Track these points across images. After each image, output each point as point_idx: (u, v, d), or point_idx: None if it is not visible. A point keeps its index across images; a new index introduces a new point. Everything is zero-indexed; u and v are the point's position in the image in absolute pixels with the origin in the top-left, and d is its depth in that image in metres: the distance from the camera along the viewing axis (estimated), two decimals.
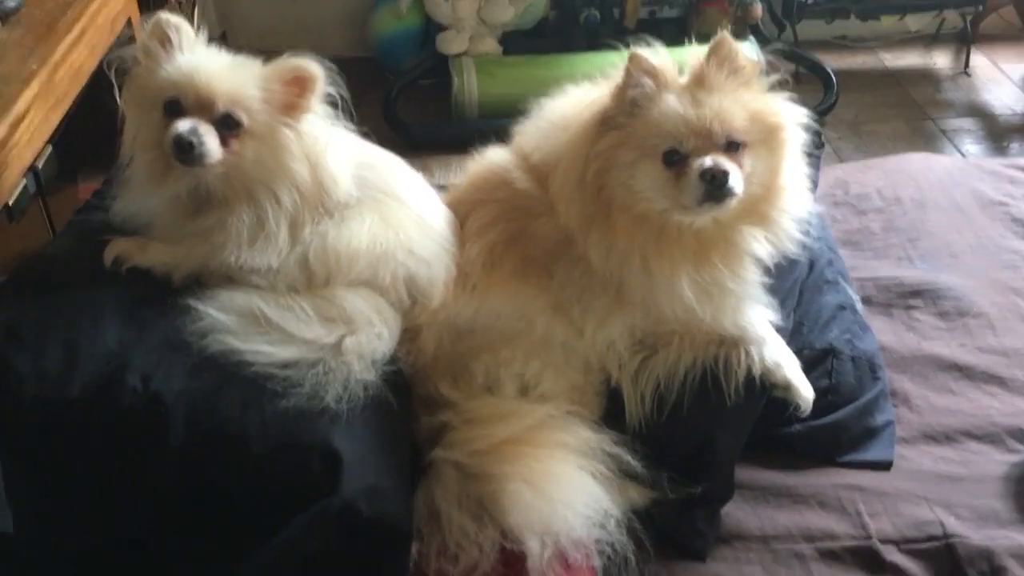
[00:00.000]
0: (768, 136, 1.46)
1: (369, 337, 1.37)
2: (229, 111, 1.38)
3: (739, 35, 3.45)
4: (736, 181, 1.39)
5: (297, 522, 1.23)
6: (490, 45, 3.37)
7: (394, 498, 1.30)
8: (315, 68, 1.44)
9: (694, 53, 1.46)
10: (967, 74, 3.64)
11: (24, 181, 1.45)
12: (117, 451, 1.26)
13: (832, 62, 3.61)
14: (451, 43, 3.33)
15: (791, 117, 1.50)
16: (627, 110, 1.44)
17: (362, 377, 1.34)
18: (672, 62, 1.47)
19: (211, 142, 1.37)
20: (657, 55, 1.47)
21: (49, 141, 1.53)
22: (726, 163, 1.39)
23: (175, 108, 1.38)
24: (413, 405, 1.47)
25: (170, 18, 1.39)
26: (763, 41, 3.42)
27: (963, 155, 3.15)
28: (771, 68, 1.50)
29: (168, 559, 1.28)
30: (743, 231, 1.48)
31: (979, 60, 3.72)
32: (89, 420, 1.25)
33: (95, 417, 1.25)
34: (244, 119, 1.39)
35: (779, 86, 1.51)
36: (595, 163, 1.45)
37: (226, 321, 1.35)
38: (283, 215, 1.43)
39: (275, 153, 1.42)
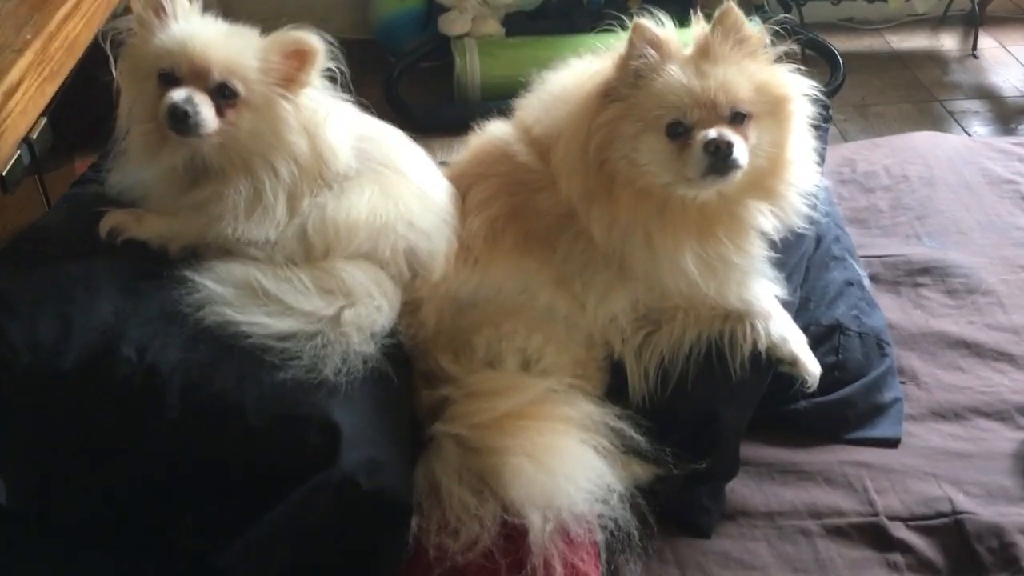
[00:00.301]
0: (774, 108, 1.44)
1: (368, 310, 1.35)
2: (225, 80, 1.36)
3: (745, 16, 3.42)
4: (741, 153, 1.37)
5: (295, 495, 1.21)
6: (493, 26, 3.35)
7: (394, 471, 1.28)
8: (316, 41, 1.42)
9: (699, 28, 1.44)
10: (975, 56, 3.61)
11: (18, 152, 1.42)
12: (112, 423, 1.24)
13: (839, 44, 3.59)
14: (453, 24, 3.30)
15: (798, 89, 1.48)
16: (630, 81, 1.42)
17: (361, 350, 1.32)
18: (675, 33, 1.44)
19: (206, 111, 1.35)
20: (661, 26, 1.45)
21: (44, 113, 1.51)
22: (730, 135, 1.37)
23: (170, 78, 1.36)
24: (413, 379, 1.45)
25: None
26: (769, 21, 3.40)
27: (970, 136, 3.12)
28: (777, 40, 1.47)
29: (165, 531, 1.26)
30: (749, 205, 1.45)
31: (987, 42, 3.68)
32: (83, 391, 1.23)
33: (89, 388, 1.23)
34: (240, 88, 1.37)
35: (785, 58, 1.48)
36: (597, 136, 1.43)
37: (223, 293, 1.33)
38: (281, 187, 1.41)
39: (272, 125, 1.40)
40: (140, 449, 1.24)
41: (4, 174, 1.38)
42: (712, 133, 1.36)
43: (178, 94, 1.33)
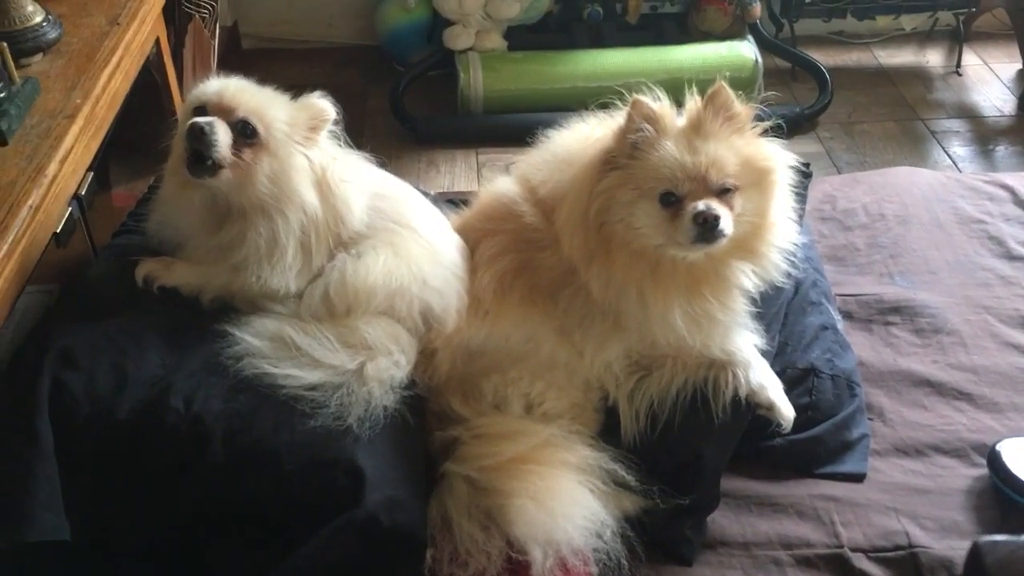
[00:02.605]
0: (759, 179, 1.58)
1: (387, 364, 1.50)
2: (246, 118, 1.50)
3: (738, 34, 3.55)
4: (727, 224, 1.51)
5: (324, 531, 1.36)
6: (496, 40, 3.46)
7: (410, 509, 1.43)
8: (328, 108, 1.58)
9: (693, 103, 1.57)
10: (959, 73, 3.73)
11: (70, 208, 1.56)
12: (162, 466, 1.39)
13: (828, 59, 3.72)
14: (457, 38, 3.41)
15: (780, 161, 1.61)
16: (628, 152, 1.56)
17: (382, 401, 1.46)
18: (671, 109, 1.58)
19: (223, 136, 1.47)
20: (658, 101, 1.58)
21: (89, 168, 1.64)
22: (717, 208, 1.51)
23: (200, 112, 1.51)
24: (427, 420, 1.61)
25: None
26: (761, 41, 3.52)
27: (950, 157, 3.26)
28: (761, 117, 1.60)
29: (207, 561, 1.41)
30: (732, 265, 1.60)
31: (971, 59, 3.81)
32: (137, 438, 1.38)
33: (142, 435, 1.38)
34: (261, 130, 1.51)
35: (771, 132, 1.62)
36: (597, 201, 1.57)
37: (260, 346, 1.48)
38: (291, 234, 1.54)
39: (288, 172, 1.53)
40: (187, 488, 1.39)
41: (59, 232, 1.52)
42: (701, 206, 1.50)
43: (202, 118, 1.48)
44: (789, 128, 3.28)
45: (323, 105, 1.58)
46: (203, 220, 1.57)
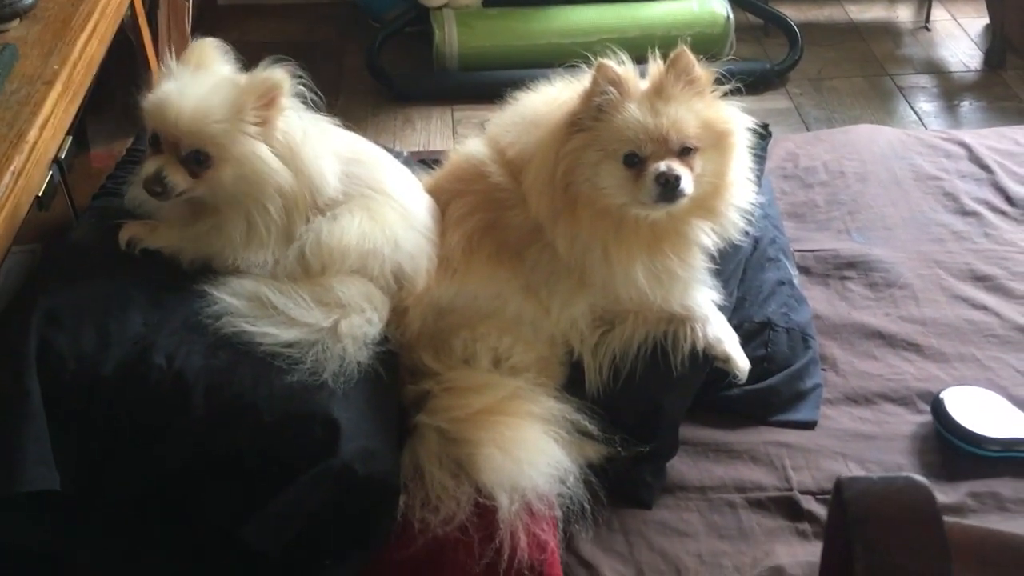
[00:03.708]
0: (718, 141, 1.64)
1: (361, 321, 1.56)
2: (197, 149, 1.52)
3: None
4: (687, 183, 1.58)
5: (302, 479, 1.43)
6: None
7: (384, 458, 1.51)
8: (279, 77, 1.54)
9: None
10: (927, 28, 3.79)
11: (51, 172, 1.60)
12: (146, 420, 1.45)
13: (800, 14, 3.76)
14: None
15: (739, 123, 1.68)
16: (593, 115, 1.62)
17: (356, 357, 1.53)
18: (634, 73, 1.64)
19: (177, 180, 1.52)
20: (622, 64, 1.64)
21: (68, 132, 1.68)
22: (678, 168, 1.58)
23: (155, 141, 1.55)
24: (400, 374, 1.68)
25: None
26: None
27: (916, 113, 3.33)
28: (722, 80, 1.66)
29: (192, 509, 1.49)
30: (693, 223, 1.67)
31: (940, 14, 3.86)
32: (122, 394, 1.44)
33: (127, 392, 1.44)
34: (212, 152, 1.52)
35: (730, 94, 1.68)
36: (563, 162, 1.63)
37: (238, 305, 1.53)
38: (272, 222, 1.58)
39: (253, 170, 1.54)
40: (171, 441, 1.45)
41: (40, 195, 1.57)
42: (663, 166, 1.57)
43: (150, 167, 1.52)
44: (759, 85, 3.36)
45: (273, 79, 1.54)
46: (179, 214, 1.62)
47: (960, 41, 3.73)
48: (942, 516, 0.69)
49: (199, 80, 1.56)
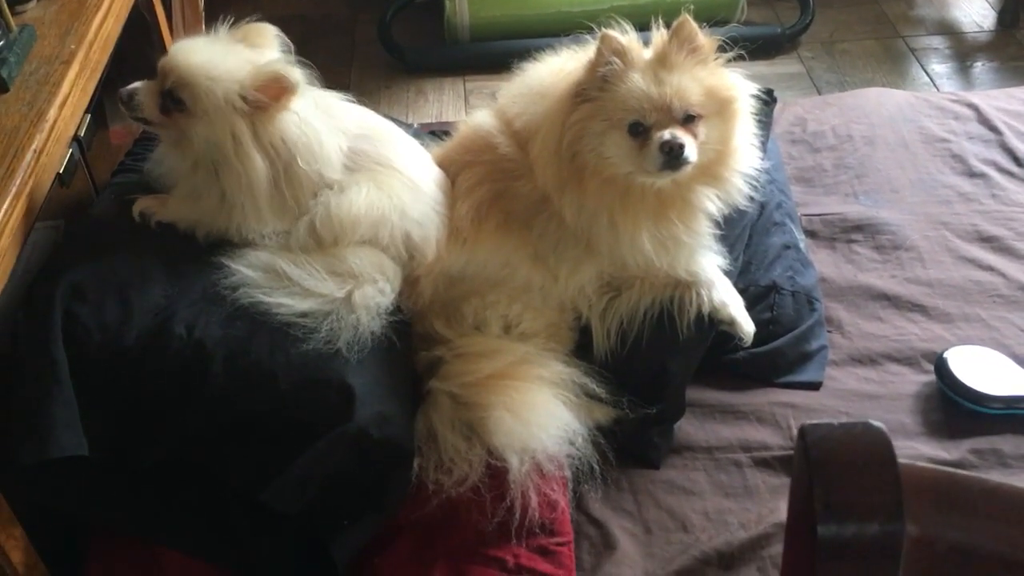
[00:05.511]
0: (721, 108, 1.66)
1: (373, 292, 1.61)
2: (172, 88, 1.57)
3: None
4: (691, 151, 1.61)
5: (320, 444, 1.48)
6: None
7: (398, 423, 1.57)
8: (294, 79, 1.56)
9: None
10: None
11: (71, 150, 1.65)
12: (168, 388, 1.51)
13: None
14: None
15: (742, 90, 1.70)
16: (598, 85, 1.64)
17: (369, 327, 1.58)
18: (638, 42, 1.66)
19: (146, 103, 1.58)
20: (626, 34, 1.66)
21: (87, 110, 1.73)
22: (683, 136, 1.60)
23: (156, 72, 1.60)
24: (413, 342, 1.73)
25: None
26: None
27: (928, 75, 3.32)
28: (726, 47, 1.68)
29: (214, 473, 1.55)
30: (698, 190, 1.70)
31: None
32: (144, 363, 1.50)
33: (149, 360, 1.50)
34: (185, 99, 1.56)
35: (737, 60, 1.70)
36: (569, 132, 1.66)
37: (255, 277, 1.58)
38: (252, 188, 1.59)
39: (222, 140, 1.56)
40: (192, 408, 1.50)
41: (61, 172, 1.62)
42: (667, 135, 1.59)
43: (132, 85, 1.59)
44: (771, 49, 3.36)
45: (287, 77, 1.55)
46: (179, 159, 1.66)
47: (973, 1, 3.70)
48: (896, 457, 0.73)
49: (226, 45, 1.61)
